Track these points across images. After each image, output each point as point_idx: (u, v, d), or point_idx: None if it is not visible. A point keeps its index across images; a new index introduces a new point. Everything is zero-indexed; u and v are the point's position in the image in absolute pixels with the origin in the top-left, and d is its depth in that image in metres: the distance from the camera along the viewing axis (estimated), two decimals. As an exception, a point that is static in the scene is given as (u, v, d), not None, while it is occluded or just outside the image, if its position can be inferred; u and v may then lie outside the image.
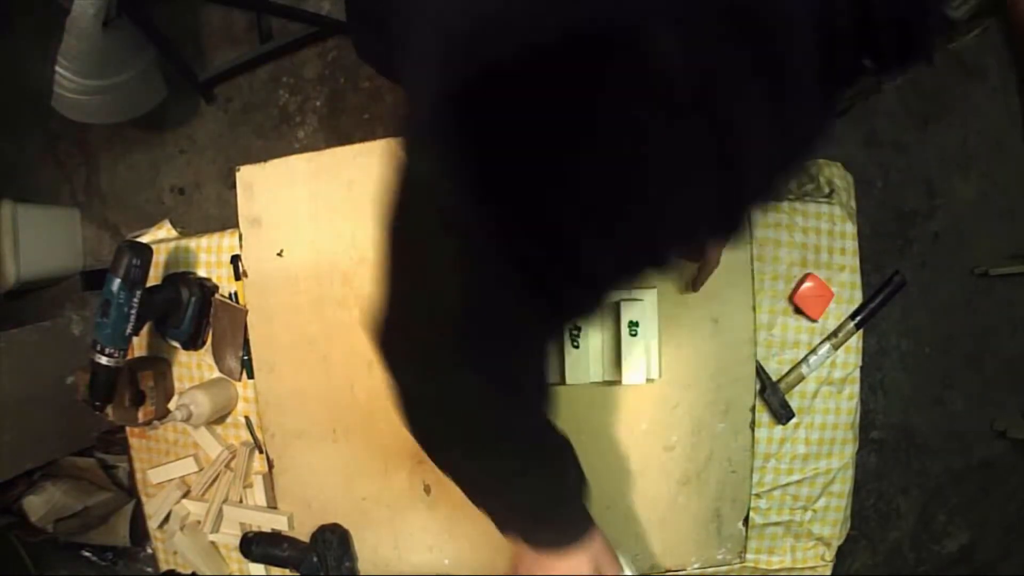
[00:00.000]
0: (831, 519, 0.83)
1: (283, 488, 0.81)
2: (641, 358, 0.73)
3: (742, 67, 0.31)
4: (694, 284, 0.71)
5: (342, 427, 0.78)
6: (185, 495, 0.86)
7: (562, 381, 0.74)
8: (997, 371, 1.78)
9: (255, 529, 0.83)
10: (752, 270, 0.75)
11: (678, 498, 0.77)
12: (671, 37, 0.30)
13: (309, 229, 0.77)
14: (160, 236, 0.89)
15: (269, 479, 0.81)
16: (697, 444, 0.77)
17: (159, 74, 1.53)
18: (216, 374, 0.83)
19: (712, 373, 0.75)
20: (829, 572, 0.85)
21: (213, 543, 0.86)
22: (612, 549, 0.55)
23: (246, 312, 0.79)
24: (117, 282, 0.68)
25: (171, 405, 0.83)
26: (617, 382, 0.74)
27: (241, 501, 0.83)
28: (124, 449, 1.20)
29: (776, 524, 0.82)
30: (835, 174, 0.83)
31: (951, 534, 1.81)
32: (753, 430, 0.77)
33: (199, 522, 0.84)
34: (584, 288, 0.40)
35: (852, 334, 0.80)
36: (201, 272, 0.83)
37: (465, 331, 0.40)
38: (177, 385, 0.85)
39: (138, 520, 1.59)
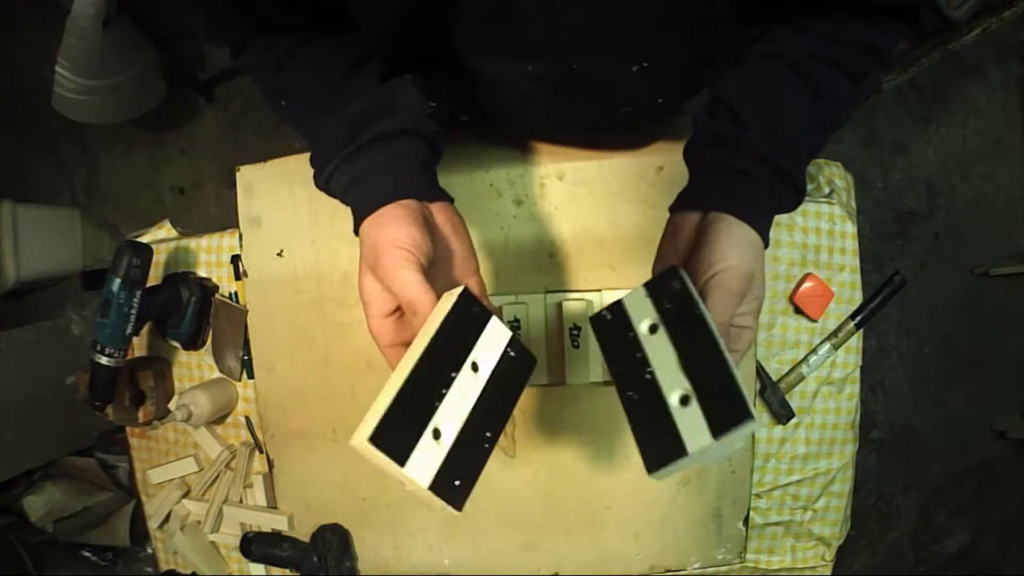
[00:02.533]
0: (831, 519, 0.83)
1: (283, 488, 0.81)
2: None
3: None
4: None
5: (342, 427, 0.78)
6: (185, 495, 0.86)
7: (563, 381, 0.74)
8: (997, 371, 1.78)
9: (255, 529, 0.83)
10: (752, 270, 0.75)
11: (678, 498, 0.77)
12: None
13: (309, 229, 0.77)
14: (160, 236, 0.89)
15: (269, 479, 0.81)
16: (697, 444, 0.76)
17: (159, 74, 1.53)
18: (216, 374, 0.83)
19: (712, 373, 0.75)
20: (829, 572, 0.85)
21: (213, 543, 0.86)
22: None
23: (246, 312, 0.79)
24: (117, 282, 0.68)
25: (171, 405, 0.83)
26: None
27: (241, 501, 0.83)
28: (124, 449, 1.21)
29: (776, 524, 0.82)
30: (835, 174, 0.83)
31: (951, 534, 1.81)
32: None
33: (199, 522, 0.84)
34: None
35: (852, 334, 0.80)
36: (201, 272, 0.83)
37: None
38: (177, 385, 0.85)
39: (138, 520, 1.59)
